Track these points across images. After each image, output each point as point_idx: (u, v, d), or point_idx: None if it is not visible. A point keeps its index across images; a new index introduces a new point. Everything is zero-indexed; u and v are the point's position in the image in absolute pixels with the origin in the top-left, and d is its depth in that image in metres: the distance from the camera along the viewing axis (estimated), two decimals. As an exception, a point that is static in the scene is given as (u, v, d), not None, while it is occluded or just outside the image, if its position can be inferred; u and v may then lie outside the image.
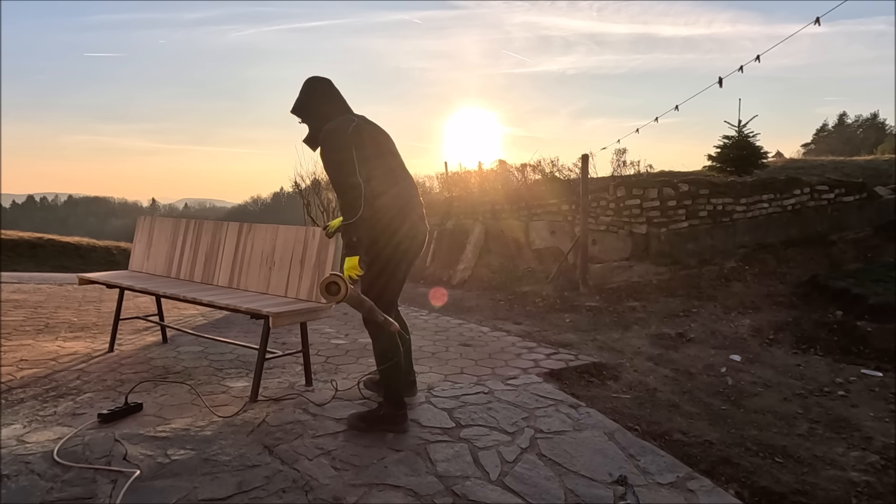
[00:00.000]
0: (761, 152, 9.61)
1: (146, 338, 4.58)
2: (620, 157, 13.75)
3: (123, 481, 2.11)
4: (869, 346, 4.32)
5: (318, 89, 2.78)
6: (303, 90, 2.80)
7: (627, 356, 4.28)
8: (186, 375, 3.54)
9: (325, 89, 2.79)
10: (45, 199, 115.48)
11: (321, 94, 2.78)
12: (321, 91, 2.78)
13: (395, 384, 2.69)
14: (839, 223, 7.89)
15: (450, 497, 2.14)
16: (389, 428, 2.63)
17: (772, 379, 3.80)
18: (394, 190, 2.68)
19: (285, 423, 2.70)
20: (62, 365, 3.70)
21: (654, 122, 8.35)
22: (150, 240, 4.38)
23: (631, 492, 2.25)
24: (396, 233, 2.66)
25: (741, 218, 7.42)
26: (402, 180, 2.76)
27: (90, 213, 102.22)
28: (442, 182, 13.88)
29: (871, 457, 2.70)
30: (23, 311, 5.51)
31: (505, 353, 4.21)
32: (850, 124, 44.59)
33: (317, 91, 2.78)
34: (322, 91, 2.78)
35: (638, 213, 7.19)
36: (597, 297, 6.38)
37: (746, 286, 6.27)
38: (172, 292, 3.52)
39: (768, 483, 2.42)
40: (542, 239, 8.40)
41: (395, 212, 2.66)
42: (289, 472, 2.24)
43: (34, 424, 2.66)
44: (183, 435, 2.54)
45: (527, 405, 3.07)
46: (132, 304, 5.97)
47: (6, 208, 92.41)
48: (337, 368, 3.80)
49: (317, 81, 2.80)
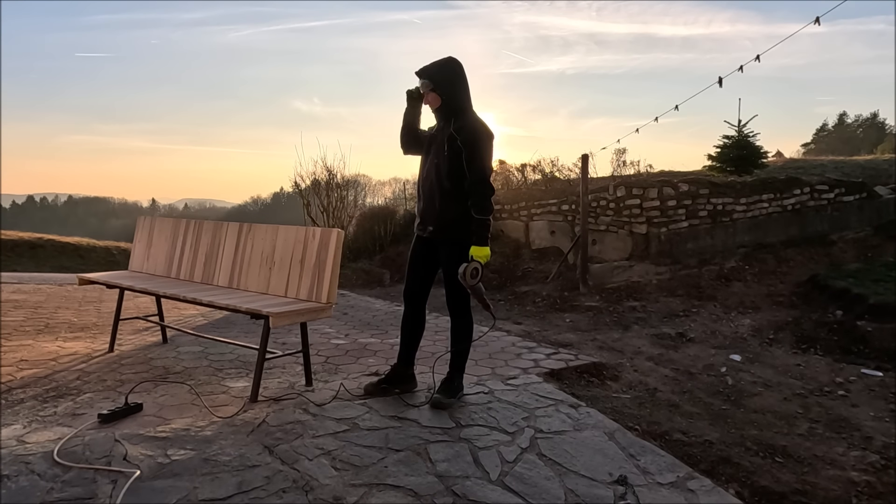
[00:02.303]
0: (761, 152, 9.61)
1: (146, 338, 4.58)
2: (620, 157, 13.73)
3: (123, 481, 2.11)
4: (869, 346, 4.32)
5: (464, 76, 2.94)
6: (451, 67, 2.91)
7: (627, 356, 4.28)
8: (186, 375, 3.54)
9: (466, 79, 2.95)
10: (45, 199, 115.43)
11: (465, 81, 2.94)
12: (465, 78, 2.94)
13: (466, 358, 3.12)
14: (839, 223, 7.89)
15: (450, 497, 2.14)
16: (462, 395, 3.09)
17: (772, 379, 3.80)
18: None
19: (285, 423, 2.70)
20: (62, 365, 3.70)
21: (654, 121, 8.35)
22: (150, 240, 4.38)
23: (631, 492, 2.25)
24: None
25: (741, 218, 7.42)
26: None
27: (90, 213, 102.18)
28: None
29: (871, 456, 2.70)
30: (23, 312, 5.50)
31: (505, 353, 4.20)
32: (850, 124, 44.60)
33: (463, 76, 2.93)
34: (465, 79, 2.94)
35: (638, 213, 7.19)
36: (597, 296, 6.38)
37: (746, 286, 6.27)
38: (172, 292, 3.52)
39: (768, 483, 2.42)
40: (542, 239, 8.40)
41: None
42: (289, 472, 2.24)
43: (34, 424, 2.66)
44: (183, 435, 2.54)
45: (527, 405, 3.07)
46: (132, 304, 5.97)
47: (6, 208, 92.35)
48: (337, 368, 3.80)
49: (462, 67, 2.94)
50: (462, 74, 2.93)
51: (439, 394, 2.99)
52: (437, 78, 2.90)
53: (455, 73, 2.91)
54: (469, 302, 3.00)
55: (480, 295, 2.86)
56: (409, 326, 3.14)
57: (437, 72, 2.90)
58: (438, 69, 2.90)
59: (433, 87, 2.90)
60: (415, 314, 3.14)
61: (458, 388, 3.08)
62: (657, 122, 8.29)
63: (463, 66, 2.95)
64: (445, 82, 2.90)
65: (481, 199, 2.84)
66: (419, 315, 3.15)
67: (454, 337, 3.09)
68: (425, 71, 2.91)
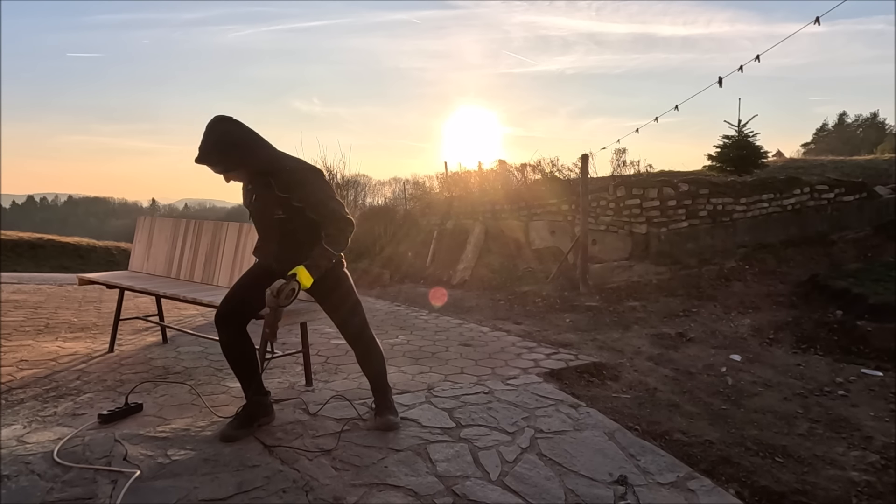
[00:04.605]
0: (761, 152, 9.61)
1: (146, 338, 4.58)
2: (620, 156, 13.74)
3: (123, 481, 2.11)
4: (869, 346, 4.32)
5: (245, 129, 2.47)
6: (215, 138, 2.39)
7: (627, 356, 4.28)
8: (186, 375, 3.54)
9: (248, 129, 2.49)
10: (45, 199, 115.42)
11: (252, 134, 2.48)
12: (250, 131, 2.48)
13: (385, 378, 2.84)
14: (839, 223, 7.89)
15: (450, 497, 2.14)
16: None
17: (772, 379, 3.80)
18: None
19: (285, 423, 2.70)
20: (62, 365, 3.70)
21: (653, 121, 8.35)
22: (150, 240, 4.38)
23: (631, 492, 2.25)
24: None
25: (741, 218, 7.42)
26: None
27: (90, 213, 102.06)
28: (442, 182, 13.87)
29: (872, 456, 2.70)
30: (23, 312, 5.50)
31: (505, 353, 4.21)
32: (850, 124, 44.56)
33: (249, 133, 2.47)
34: (250, 131, 2.48)
35: (638, 213, 7.19)
36: (597, 296, 6.38)
37: (746, 286, 6.27)
38: (172, 292, 3.52)
39: (768, 483, 2.42)
40: (542, 239, 8.40)
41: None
42: (289, 472, 2.24)
43: (34, 425, 2.66)
44: (183, 435, 2.54)
45: (527, 405, 3.07)
46: (132, 304, 5.97)
47: (6, 209, 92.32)
48: (337, 368, 3.80)
49: (231, 123, 2.45)
50: (237, 132, 2.42)
51: (381, 419, 2.71)
52: (217, 158, 2.40)
53: (232, 139, 2.39)
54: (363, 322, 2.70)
55: (276, 322, 2.44)
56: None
57: (216, 152, 2.38)
58: (214, 148, 2.38)
59: (222, 169, 2.44)
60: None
61: (392, 403, 2.81)
62: (657, 122, 8.30)
63: (231, 119, 2.44)
64: (244, 152, 2.42)
65: (340, 232, 2.53)
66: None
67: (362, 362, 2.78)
68: (203, 159, 2.38)
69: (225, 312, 2.55)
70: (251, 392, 2.65)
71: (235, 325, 2.57)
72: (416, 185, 16.62)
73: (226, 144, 2.39)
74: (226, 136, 2.40)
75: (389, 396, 2.80)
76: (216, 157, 2.39)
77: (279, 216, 2.53)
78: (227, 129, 2.42)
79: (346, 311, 2.69)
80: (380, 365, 2.78)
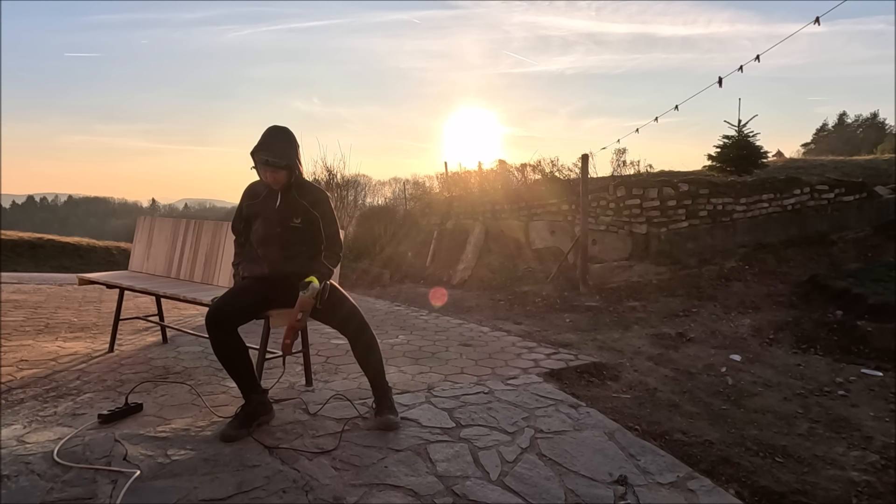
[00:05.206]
0: (761, 152, 9.61)
1: (146, 338, 4.58)
2: (620, 156, 13.76)
3: (123, 481, 2.11)
4: (869, 346, 4.32)
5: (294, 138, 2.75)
6: (286, 139, 2.70)
7: (627, 356, 4.28)
8: (186, 375, 3.54)
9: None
10: (45, 199, 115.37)
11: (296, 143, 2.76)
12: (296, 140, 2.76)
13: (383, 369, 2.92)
14: (839, 223, 7.89)
15: (450, 497, 2.14)
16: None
17: (772, 379, 3.80)
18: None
19: (285, 423, 2.70)
20: (62, 365, 3.70)
21: (653, 121, 8.36)
22: (149, 240, 4.38)
23: (631, 492, 2.25)
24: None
25: (741, 218, 7.42)
26: None
27: (90, 213, 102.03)
28: (442, 182, 13.87)
29: (872, 456, 2.70)
30: (23, 312, 5.50)
31: (505, 353, 4.21)
32: (850, 124, 44.57)
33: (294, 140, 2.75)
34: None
35: (638, 213, 7.19)
36: (597, 296, 6.38)
37: (746, 286, 6.27)
38: (172, 292, 3.52)
39: (768, 483, 2.42)
40: (542, 239, 8.40)
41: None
42: (289, 472, 2.24)
43: (34, 425, 2.66)
44: (183, 435, 2.54)
45: (527, 405, 3.07)
46: (132, 304, 5.97)
47: (6, 208, 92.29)
48: (337, 368, 3.80)
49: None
50: (292, 140, 2.72)
51: (383, 419, 2.73)
52: (293, 154, 2.69)
53: (289, 144, 2.69)
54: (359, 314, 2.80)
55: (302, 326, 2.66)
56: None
57: (291, 150, 2.68)
58: (290, 147, 2.68)
59: (288, 165, 2.66)
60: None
61: (392, 403, 2.85)
62: (657, 122, 8.30)
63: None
64: (297, 157, 2.71)
65: (338, 246, 2.85)
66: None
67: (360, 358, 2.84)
68: (280, 154, 2.63)
69: (221, 317, 2.57)
70: (248, 391, 2.68)
71: (229, 328, 2.60)
72: (417, 185, 16.64)
73: (294, 146, 2.71)
74: (293, 139, 2.71)
75: (390, 396, 2.84)
76: (292, 154, 2.68)
77: (295, 224, 2.74)
78: (291, 133, 2.73)
79: (343, 314, 2.78)
80: (380, 365, 2.83)
